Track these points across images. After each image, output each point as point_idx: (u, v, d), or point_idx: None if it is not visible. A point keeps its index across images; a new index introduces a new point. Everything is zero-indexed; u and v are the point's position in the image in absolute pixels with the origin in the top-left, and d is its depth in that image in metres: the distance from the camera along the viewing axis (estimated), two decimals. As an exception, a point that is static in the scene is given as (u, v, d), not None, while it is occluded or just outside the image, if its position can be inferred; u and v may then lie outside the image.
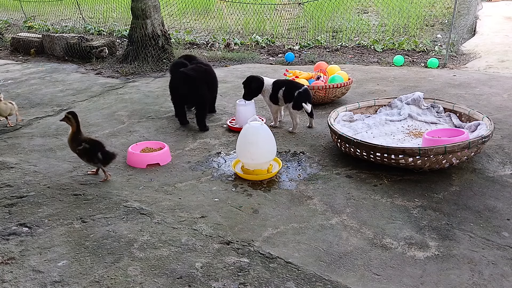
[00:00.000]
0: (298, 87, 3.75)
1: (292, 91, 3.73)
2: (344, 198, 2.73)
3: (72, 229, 2.48)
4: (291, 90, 3.74)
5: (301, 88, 3.72)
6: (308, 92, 3.76)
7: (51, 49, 7.69)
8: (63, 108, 4.70)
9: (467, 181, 2.87)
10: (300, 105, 3.70)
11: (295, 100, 3.70)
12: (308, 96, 3.74)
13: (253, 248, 2.27)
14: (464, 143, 2.80)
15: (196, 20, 10.13)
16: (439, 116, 3.76)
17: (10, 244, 2.37)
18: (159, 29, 6.58)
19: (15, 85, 5.77)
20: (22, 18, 11.20)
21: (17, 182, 3.04)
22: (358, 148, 3.04)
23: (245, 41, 8.17)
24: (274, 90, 3.84)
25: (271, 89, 3.85)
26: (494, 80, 5.15)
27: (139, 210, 2.66)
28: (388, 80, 5.35)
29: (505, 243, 2.26)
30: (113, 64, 6.74)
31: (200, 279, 2.07)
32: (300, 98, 3.69)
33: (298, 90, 3.71)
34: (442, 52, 6.64)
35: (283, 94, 3.78)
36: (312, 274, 2.08)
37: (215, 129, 3.97)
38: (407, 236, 2.34)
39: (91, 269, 2.15)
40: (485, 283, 2.00)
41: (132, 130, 3.99)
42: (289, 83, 3.89)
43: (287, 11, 9.72)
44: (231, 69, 6.35)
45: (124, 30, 8.96)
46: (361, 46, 7.47)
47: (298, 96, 3.69)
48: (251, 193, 2.83)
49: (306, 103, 3.71)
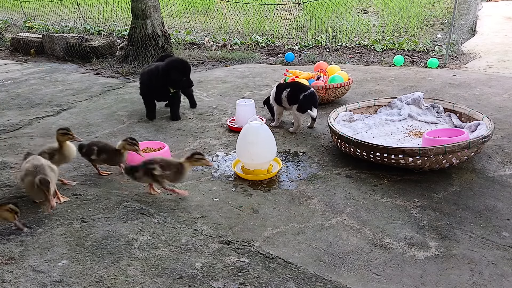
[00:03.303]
0: (304, 89, 3.69)
1: (297, 94, 3.67)
2: (344, 198, 2.73)
3: (72, 229, 2.48)
4: (296, 93, 3.69)
5: (306, 91, 3.66)
6: (314, 96, 3.69)
7: (51, 49, 7.69)
8: (63, 108, 4.71)
9: (467, 181, 2.87)
10: (305, 109, 3.66)
11: (300, 103, 3.66)
12: (314, 100, 3.68)
13: (253, 248, 2.27)
14: (464, 143, 2.80)
15: (196, 20, 10.13)
16: (439, 116, 3.76)
17: (10, 244, 2.37)
18: (159, 29, 6.58)
19: (15, 85, 5.78)
20: (22, 18, 11.20)
21: (17, 182, 3.04)
22: (358, 148, 3.04)
23: (245, 41, 8.17)
24: (277, 91, 3.83)
25: (275, 90, 3.86)
26: (494, 80, 5.15)
27: (139, 210, 2.66)
28: (388, 80, 5.35)
29: (505, 243, 2.26)
30: (113, 64, 6.74)
31: (200, 279, 2.07)
32: (305, 102, 3.65)
33: (303, 93, 3.65)
34: (442, 52, 6.64)
35: (287, 96, 3.75)
36: (312, 274, 2.08)
37: (215, 129, 3.97)
38: (407, 236, 2.34)
39: (91, 269, 2.15)
40: (485, 283, 2.00)
41: (132, 130, 3.99)
42: (294, 85, 3.82)
43: (287, 11, 9.72)
44: (231, 69, 6.35)
45: (124, 30, 8.96)
46: (361, 46, 7.47)
47: (304, 99, 3.65)
48: (251, 193, 2.83)
49: (312, 109, 3.67)
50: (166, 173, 2.71)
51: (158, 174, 2.69)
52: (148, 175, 2.73)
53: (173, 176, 2.73)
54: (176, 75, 3.97)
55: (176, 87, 4.10)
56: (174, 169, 2.72)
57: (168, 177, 2.73)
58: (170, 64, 4.00)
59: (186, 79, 4.05)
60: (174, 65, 3.99)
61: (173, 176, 2.73)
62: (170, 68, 3.96)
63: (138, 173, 2.75)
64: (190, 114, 4.38)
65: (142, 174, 2.74)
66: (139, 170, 2.74)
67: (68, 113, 4.55)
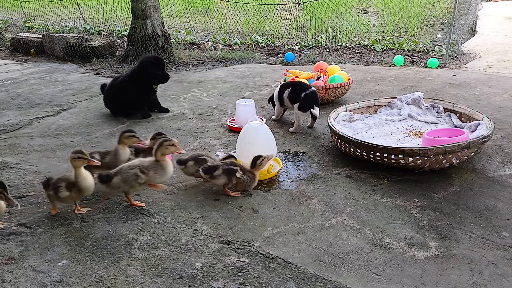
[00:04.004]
0: (305, 88, 3.72)
1: (298, 93, 3.70)
2: (344, 198, 2.73)
3: (72, 229, 2.48)
4: (298, 92, 3.71)
5: (308, 90, 3.69)
6: (315, 95, 3.72)
7: (51, 49, 7.69)
8: (63, 108, 4.71)
9: (467, 181, 2.87)
10: (306, 107, 3.67)
11: (301, 101, 3.68)
12: (315, 99, 3.70)
13: (253, 248, 2.27)
14: (464, 143, 2.80)
15: (196, 20, 10.13)
16: (439, 116, 3.75)
17: (10, 244, 2.37)
18: (159, 29, 6.58)
19: (15, 85, 5.78)
20: (22, 18, 11.20)
21: (17, 182, 3.04)
22: (358, 148, 3.04)
23: (245, 41, 8.17)
24: (280, 90, 3.89)
25: (278, 89, 3.93)
26: (494, 80, 5.15)
27: (139, 210, 2.66)
28: (388, 80, 5.35)
29: (505, 243, 2.26)
30: (113, 64, 6.74)
31: (200, 279, 2.07)
32: (307, 100, 3.67)
33: (305, 91, 3.68)
34: (442, 52, 6.64)
35: (289, 95, 3.78)
36: (312, 274, 2.08)
37: (215, 129, 3.97)
38: (407, 236, 2.34)
39: (91, 269, 2.15)
40: (485, 283, 2.00)
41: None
42: (296, 84, 3.87)
43: (287, 11, 9.72)
44: (231, 69, 6.35)
45: (124, 30, 8.95)
46: (361, 46, 7.47)
47: (305, 98, 3.67)
48: (251, 193, 2.83)
49: (314, 107, 3.68)
50: (245, 177, 2.76)
51: (240, 177, 2.73)
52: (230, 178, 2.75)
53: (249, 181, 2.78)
54: (153, 69, 4.14)
55: (154, 82, 4.25)
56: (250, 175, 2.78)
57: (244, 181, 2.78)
58: (145, 62, 4.18)
59: (162, 72, 4.21)
60: (149, 61, 4.17)
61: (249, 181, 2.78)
62: (146, 65, 4.13)
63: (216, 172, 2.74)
64: (190, 114, 4.38)
65: (221, 172, 2.74)
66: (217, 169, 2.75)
67: (68, 113, 4.55)
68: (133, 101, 4.27)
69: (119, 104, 4.33)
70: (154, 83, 4.26)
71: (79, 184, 2.50)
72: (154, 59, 4.24)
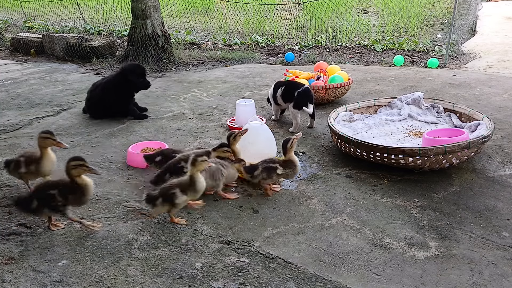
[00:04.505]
0: (298, 87, 3.76)
1: (292, 91, 3.74)
2: (344, 198, 2.73)
3: (72, 229, 2.48)
4: (291, 90, 3.75)
5: (300, 88, 3.73)
6: (309, 92, 3.76)
7: (51, 49, 7.69)
8: (63, 108, 4.71)
9: (467, 181, 2.87)
10: (300, 105, 3.70)
11: (295, 100, 3.71)
12: (309, 97, 3.74)
13: (253, 248, 2.27)
14: (464, 143, 2.80)
15: (196, 20, 10.13)
16: (439, 116, 3.76)
17: (10, 244, 2.37)
18: (159, 29, 6.58)
19: (15, 85, 5.77)
20: (22, 18, 11.20)
21: (17, 182, 3.04)
22: (358, 148, 3.04)
23: (245, 41, 8.17)
24: (274, 89, 3.93)
25: (272, 88, 3.97)
26: (494, 80, 5.15)
27: (139, 210, 2.66)
28: (388, 80, 5.35)
29: (505, 243, 2.26)
30: (113, 64, 6.74)
31: (200, 279, 2.07)
32: (300, 98, 3.70)
33: (297, 90, 3.72)
34: (442, 52, 6.64)
35: (282, 94, 3.82)
36: (312, 274, 2.08)
37: (215, 129, 3.97)
38: (407, 236, 2.34)
39: (91, 269, 2.15)
40: (485, 283, 2.00)
41: (132, 130, 3.99)
42: (289, 83, 3.93)
43: (287, 11, 9.72)
44: (231, 69, 6.35)
45: (124, 30, 8.95)
46: (361, 46, 7.47)
47: (298, 96, 3.70)
48: (251, 193, 2.83)
49: (308, 105, 3.70)
50: (286, 170, 2.76)
51: (281, 173, 2.73)
52: (270, 175, 2.75)
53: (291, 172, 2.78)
54: (134, 77, 4.19)
55: (135, 89, 4.30)
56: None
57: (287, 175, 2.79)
58: (126, 69, 4.22)
59: (143, 80, 4.26)
60: (130, 69, 4.23)
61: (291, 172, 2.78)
62: (128, 73, 4.18)
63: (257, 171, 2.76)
64: (190, 114, 4.38)
65: (260, 171, 2.75)
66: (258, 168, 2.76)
67: (68, 113, 4.55)
68: (116, 108, 4.29)
69: (102, 110, 4.32)
70: (134, 90, 4.30)
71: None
72: (135, 67, 4.28)
